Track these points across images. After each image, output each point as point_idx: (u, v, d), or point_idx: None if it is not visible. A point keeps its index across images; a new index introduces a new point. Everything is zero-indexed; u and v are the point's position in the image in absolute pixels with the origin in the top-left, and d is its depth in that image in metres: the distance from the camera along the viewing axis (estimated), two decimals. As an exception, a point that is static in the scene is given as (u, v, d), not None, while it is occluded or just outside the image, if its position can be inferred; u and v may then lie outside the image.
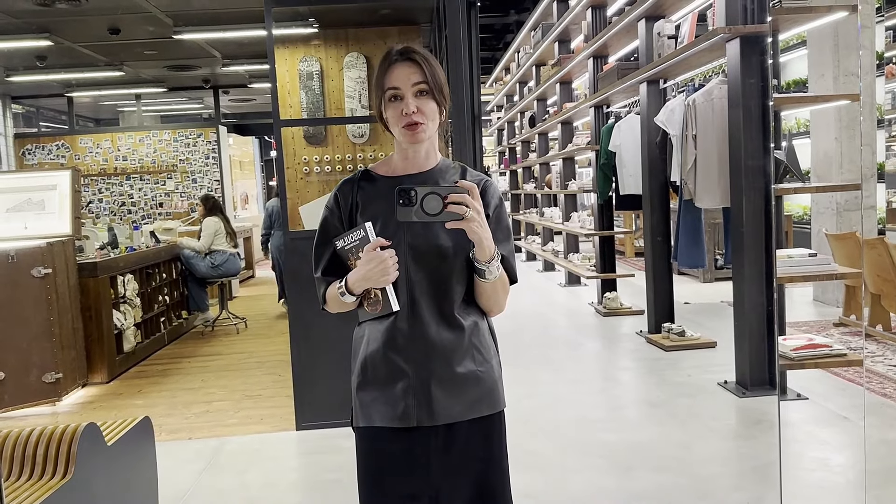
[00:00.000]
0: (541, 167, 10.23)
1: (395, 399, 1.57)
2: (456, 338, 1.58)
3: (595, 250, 7.43)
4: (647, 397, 4.30)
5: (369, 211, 1.60)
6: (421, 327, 1.56)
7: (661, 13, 5.37)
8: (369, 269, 1.50)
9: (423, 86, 1.55)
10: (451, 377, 1.57)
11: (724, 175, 4.44)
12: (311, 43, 6.52)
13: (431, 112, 1.56)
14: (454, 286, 1.58)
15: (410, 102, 1.54)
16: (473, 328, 1.61)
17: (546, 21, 8.90)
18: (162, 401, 4.84)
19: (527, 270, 10.77)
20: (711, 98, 4.47)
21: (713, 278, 8.28)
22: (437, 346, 1.56)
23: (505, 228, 1.63)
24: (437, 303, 1.57)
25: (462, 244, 1.54)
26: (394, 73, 1.55)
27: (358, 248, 1.54)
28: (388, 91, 1.56)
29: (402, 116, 1.54)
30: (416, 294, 1.56)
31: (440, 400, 1.56)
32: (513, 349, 5.65)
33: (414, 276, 1.56)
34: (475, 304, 1.63)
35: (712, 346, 5.28)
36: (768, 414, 3.86)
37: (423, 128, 1.56)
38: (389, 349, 1.57)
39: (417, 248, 1.55)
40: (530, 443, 3.65)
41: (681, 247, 4.75)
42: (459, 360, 1.58)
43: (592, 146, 7.13)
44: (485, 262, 1.51)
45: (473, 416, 1.60)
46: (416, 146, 1.60)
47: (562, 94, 8.63)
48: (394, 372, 1.57)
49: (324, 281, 1.65)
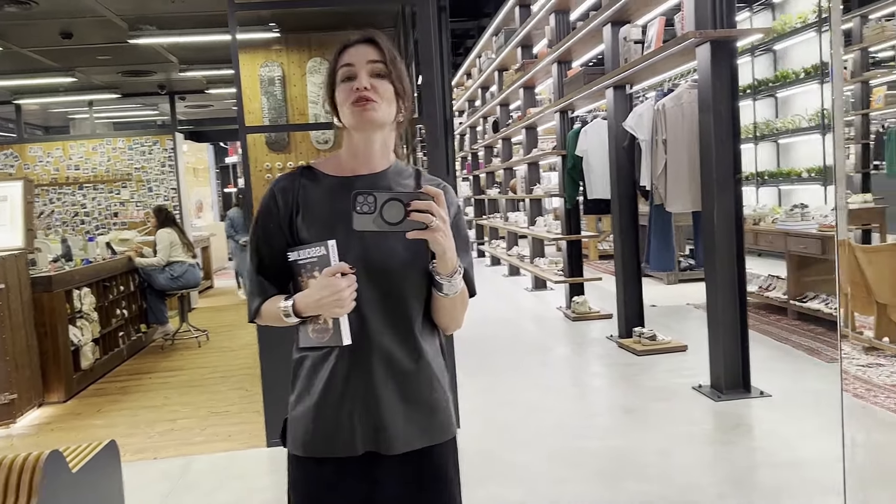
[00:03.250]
0: (505, 172, 10.22)
1: (340, 425, 1.41)
2: (412, 361, 1.44)
3: (562, 254, 7.43)
4: (623, 403, 4.28)
5: (312, 215, 1.43)
6: (372, 348, 1.40)
7: (627, 18, 5.38)
8: (323, 297, 1.33)
9: (380, 66, 1.40)
10: (404, 403, 1.43)
11: (694, 180, 4.45)
12: (272, 48, 6.39)
13: (387, 93, 1.40)
14: (411, 304, 1.43)
15: (364, 78, 1.38)
16: (432, 350, 1.48)
17: (508, 26, 8.89)
18: (123, 420, 4.65)
19: (491, 275, 10.74)
20: (681, 103, 4.48)
21: (677, 280, 8.36)
22: (387, 367, 1.41)
23: (464, 238, 1.47)
24: (392, 322, 1.41)
25: (420, 256, 1.40)
26: (349, 51, 1.41)
27: (314, 266, 1.37)
28: (342, 69, 1.40)
29: (352, 92, 1.38)
30: (369, 312, 1.39)
31: (392, 427, 1.42)
32: (483, 356, 5.59)
33: (366, 293, 1.38)
34: (432, 323, 1.49)
35: (683, 350, 5.29)
36: (745, 418, 3.87)
37: (374, 105, 1.38)
38: (337, 370, 1.41)
39: (371, 262, 1.39)
40: (511, 454, 3.59)
41: (652, 250, 4.75)
42: (415, 385, 1.44)
43: (558, 151, 7.12)
44: (447, 276, 1.37)
45: (426, 444, 1.46)
46: (368, 137, 1.42)
47: (525, 98, 8.62)
48: (340, 394, 1.41)
49: (260, 291, 1.46)
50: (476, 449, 3.71)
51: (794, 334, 5.50)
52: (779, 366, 4.72)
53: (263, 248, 1.46)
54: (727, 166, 4.08)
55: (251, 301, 1.48)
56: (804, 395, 4.12)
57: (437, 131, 3.82)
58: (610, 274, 9.37)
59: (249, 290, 1.50)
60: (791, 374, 4.55)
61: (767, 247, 6.11)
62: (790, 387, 4.28)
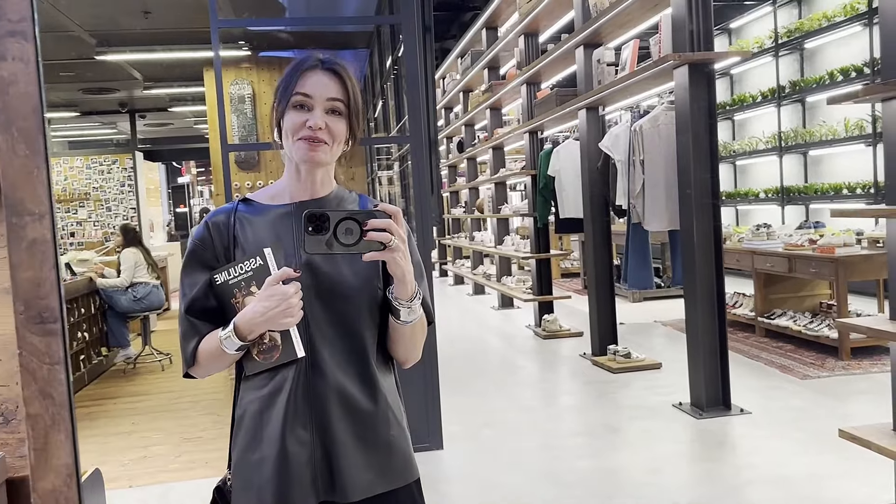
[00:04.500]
0: (470, 191, 10.26)
1: (290, 472, 1.29)
2: (369, 397, 1.33)
3: (532, 273, 7.46)
4: (606, 421, 4.29)
5: (251, 246, 1.33)
6: (324, 383, 1.30)
7: (599, 41, 5.47)
8: (269, 308, 1.22)
9: (340, 104, 1.31)
10: (361, 443, 1.32)
11: (671, 199, 4.52)
12: (241, 66, 6.32)
13: (339, 135, 1.32)
14: (364, 332, 1.33)
15: (319, 116, 1.29)
16: (388, 383, 1.39)
17: (475, 48, 8.97)
18: (92, 447, 4.46)
19: (455, 294, 10.74)
20: (658, 124, 4.56)
21: (642, 298, 8.48)
22: (345, 407, 1.31)
23: (418, 264, 1.37)
24: (344, 353, 1.32)
25: (369, 280, 1.33)
26: (309, 78, 1.31)
27: (250, 280, 1.27)
28: (296, 96, 1.30)
29: (303, 127, 1.29)
30: (318, 343, 1.30)
31: (348, 471, 1.31)
32: (458, 376, 5.56)
33: (315, 322, 1.30)
34: (388, 354, 1.40)
35: (658, 368, 5.35)
36: (729, 436, 3.91)
37: (324, 149, 1.31)
38: (286, 410, 1.29)
39: (318, 287, 1.30)
40: (501, 475, 3.56)
41: (630, 269, 4.81)
42: (371, 424, 1.34)
43: (528, 171, 7.18)
44: (407, 301, 1.28)
45: (387, 488, 1.35)
46: (312, 168, 1.34)
47: (492, 119, 8.68)
48: (290, 439, 1.29)
49: (194, 332, 1.33)
50: (462, 471, 3.67)
51: (765, 351, 5.60)
52: (754, 383, 4.80)
53: (197, 284, 1.34)
54: (705, 186, 4.16)
55: (185, 346, 1.34)
56: (783, 412, 4.19)
57: (422, 152, 3.80)
58: (574, 292, 9.48)
59: (181, 334, 1.35)
60: (767, 391, 4.63)
61: (734, 265, 6.24)
62: (768, 404, 4.35)
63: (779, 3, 9.00)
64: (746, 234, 6.38)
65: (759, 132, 9.50)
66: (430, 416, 3.91)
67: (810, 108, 8.72)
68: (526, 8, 6.53)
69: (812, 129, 8.38)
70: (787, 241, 5.90)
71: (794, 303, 6.09)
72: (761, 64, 9.30)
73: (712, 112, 4.15)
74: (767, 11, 9.24)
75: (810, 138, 8.33)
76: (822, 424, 3.91)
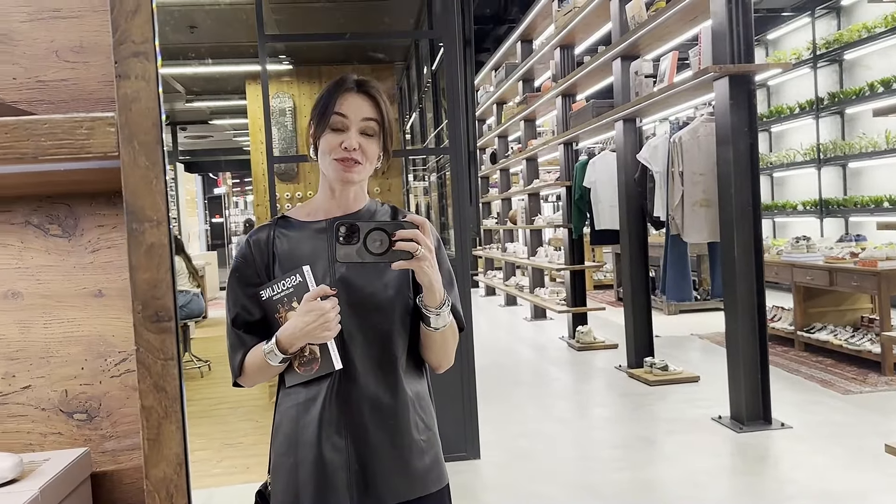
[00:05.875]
0: (502, 202, 10.29)
1: (326, 477, 1.35)
2: (399, 402, 1.38)
3: (566, 284, 7.46)
4: (644, 434, 4.27)
5: (290, 261, 1.39)
6: (358, 391, 1.35)
7: (637, 53, 5.48)
8: (307, 323, 1.28)
9: (374, 125, 1.37)
10: (393, 449, 1.37)
11: (710, 211, 4.51)
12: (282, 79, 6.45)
13: (373, 155, 1.38)
14: (396, 340, 1.38)
15: (354, 137, 1.35)
16: (419, 389, 1.43)
17: (509, 61, 9.02)
18: (135, 452, 4.57)
19: (487, 305, 10.76)
20: (697, 136, 4.55)
21: (678, 310, 8.42)
22: (376, 412, 1.36)
23: (447, 272, 1.42)
24: (376, 361, 1.37)
25: (401, 291, 1.38)
26: (346, 100, 1.37)
27: (292, 297, 1.34)
28: (334, 116, 1.36)
29: (338, 148, 1.35)
30: (352, 353, 1.36)
31: (381, 476, 1.35)
32: (492, 386, 5.58)
33: (349, 332, 1.35)
34: (419, 361, 1.45)
35: (696, 381, 5.31)
36: (770, 449, 3.87)
37: (359, 168, 1.37)
38: (321, 418, 1.35)
39: (352, 297, 1.35)
40: (537, 485, 3.57)
41: (668, 280, 4.79)
42: (404, 428, 1.38)
43: (563, 182, 7.19)
44: (435, 308, 1.33)
45: (419, 494, 1.38)
46: (345, 187, 1.40)
47: (526, 130, 8.71)
48: (326, 445, 1.35)
49: (240, 344, 1.40)
50: (498, 481, 3.69)
51: (804, 365, 5.53)
52: (794, 397, 4.74)
53: (241, 298, 1.41)
54: (746, 198, 4.14)
55: (233, 358, 1.41)
56: (825, 427, 4.14)
57: (462, 163, 3.85)
58: (608, 304, 9.45)
59: (229, 346, 1.43)
60: (807, 405, 4.58)
61: (773, 278, 6.18)
62: (809, 418, 4.30)
63: (817, 14, 8.92)
64: (785, 247, 6.32)
65: (796, 144, 9.40)
66: (467, 425, 3.93)
67: (849, 119, 8.62)
68: (562, 21, 6.57)
69: (852, 142, 8.27)
70: (827, 253, 5.83)
71: (835, 317, 6.01)
72: (799, 75, 9.21)
73: (753, 124, 4.13)
74: (805, 23, 9.16)
75: (850, 150, 8.23)
76: (865, 440, 3.86)
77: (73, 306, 1.05)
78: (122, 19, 0.65)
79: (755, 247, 4.17)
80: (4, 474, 0.86)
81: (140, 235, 0.65)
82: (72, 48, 1.03)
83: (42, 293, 1.05)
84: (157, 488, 0.69)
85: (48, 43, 1.02)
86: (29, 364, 1.06)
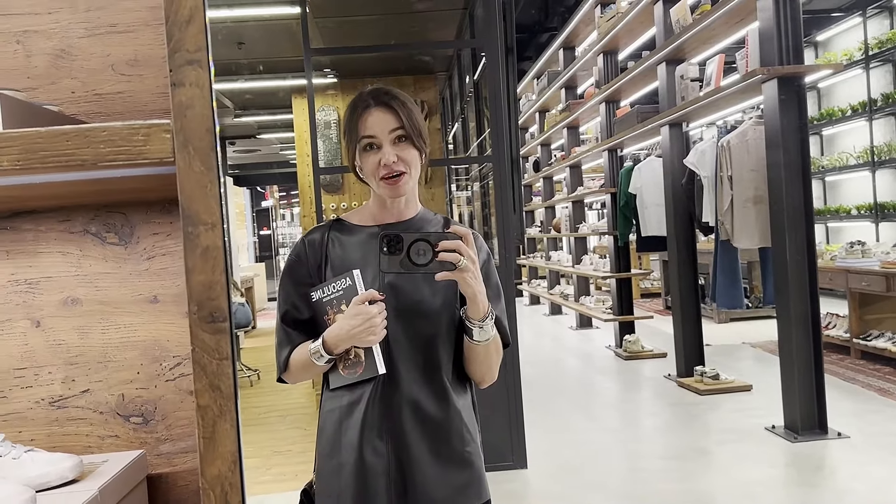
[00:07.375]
0: (545, 210, 10.23)
1: (367, 481, 1.35)
2: (442, 411, 1.38)
3: (612, 292, 7.37)
4: (696, 444, 4.19)
5: (341, 264, 1.41)
6: (401, 398, 1.36)
7: (682, 57, 5.41)
8: (354, 326, 1.29)
9: (401, 131, 1.37)
10: (433, 458, 1.36)
11: (761, 215, 4.41)
12: (327, 92, 6.54)
13: (413, 159, 1.39)
14: (440, 351, 1.38)
15: (389, 151, 1.36)
16: (463, 401, 1.42)
17: (552, 68, 8.99)
18: (187, 459, 4.65)
19: (531, 314, 10.70)
20: (746, 139, 4.47)
21: (728, 318, 8.24)
22: (418, 419, 1.36)
23: (495, 286, 1.44)
24: (420, 369, 1.37)
25: (448, 301, 1.38)
26: (367, 119, 1.38)
27: (341, 299, 1.35)
28: (363, 140, 1.38)
29: (380, 167, 1.37)
30: (396, 359, 1.36)
31: (422, 485, 1.35)
32: (539, 395, 5.53)
33: (394, 338, 1.36)
34: (464, 373, 1.44)
35: (748, 390, 5.19)
36: (827, 460, 3.76)
37: (405, 178, 1.38)
38: (363, 421, 1.36)
39: (399, 304, 1.37)
40: (586, 496, 3.52)
41: (719, 287, 4.69)
42: (445, 438, 1.37)
43: (607, 188, 7.12)
44: (479, 321, 1.33)
45: None
46: (396, 198, 1.42)
47: (569, 138, 8.67)
48: (367, 449, 1.36)
49: (288, 341, 1.42)
50: (546, 491, 3.65)
51: (861, 374, 5.36)
52: (851, 406, 4.60)
53: (292, 296, 1.44)
54: (798, 202, 4.04)
55: (279, 353, 1.44)
56: (884, 437, 4.00)
57: (505, 171, 3.85)
58: (655, 312, 9.30)
59: (277, 342, 1.45)
60: (865, 415, 4.43)
61: (826, 284, 6.01)
62: (867, 428, 4.16)
63: (869, 14, 8.68)
64: (839, 252, 6.14)
65: (849, 147, 9.14)
66: (513, 434, 3.91)
67: (905, 120, 8.35)
68: (605, 27, 6.53)
69: (908, 143, 8.02)
70: (883, 258, 5.65)
71: (893, 323, 5.81)
72: (850, 77, 8.97)
73: (803, 126, 4.04)
74: (856, 23, 8.92)
75: (906, 152, 7.97)
76: (928, 451, 3.72)
77: (129, 312, 1.08)
78: (177, 29, 0.67)
79: (808, 252, 4.06)
80: (65, 474, 0.89)
81: (195, 238, 0.67)
82: (127, 62, 1.06)
83: (100, 299, 1.08)
84: (212, 486, 0.71)
85: (104, 57, 1.06)
86: (87, 369, 1.09)
